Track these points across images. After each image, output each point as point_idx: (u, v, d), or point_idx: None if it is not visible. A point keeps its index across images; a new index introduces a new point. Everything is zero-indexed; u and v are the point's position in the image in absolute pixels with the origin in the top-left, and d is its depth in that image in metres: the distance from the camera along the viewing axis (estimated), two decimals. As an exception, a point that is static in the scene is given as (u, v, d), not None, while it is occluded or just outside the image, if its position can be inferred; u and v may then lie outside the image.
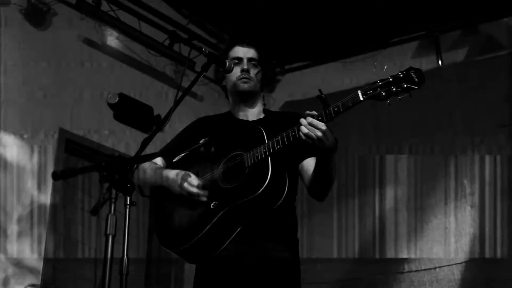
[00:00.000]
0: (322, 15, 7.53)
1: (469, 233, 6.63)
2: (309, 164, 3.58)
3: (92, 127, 6.57)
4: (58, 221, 6.11)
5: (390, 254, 6.92)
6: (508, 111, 6.77)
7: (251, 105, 3.84)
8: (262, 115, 3.86)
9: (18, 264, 5.58)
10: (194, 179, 3.53)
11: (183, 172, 3.57)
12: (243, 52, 3.82)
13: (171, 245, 3.57)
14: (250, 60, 3.80)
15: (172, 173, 3.62)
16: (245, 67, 3.76)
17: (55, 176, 2.45)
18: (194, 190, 3.50)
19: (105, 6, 6.81)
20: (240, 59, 3.79)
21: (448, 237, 6.71)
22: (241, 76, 3.74)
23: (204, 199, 3.49)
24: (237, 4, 7.47)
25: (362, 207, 7.25)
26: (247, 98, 3.81)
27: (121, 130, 6.84)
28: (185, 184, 3.51)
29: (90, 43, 6.80)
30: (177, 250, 3.53)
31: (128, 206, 2.72)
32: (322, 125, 3.16)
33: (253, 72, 3.78)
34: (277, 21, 7.66)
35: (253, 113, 3.84)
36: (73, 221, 6.45)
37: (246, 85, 3.73)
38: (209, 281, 3.49)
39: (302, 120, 3.20)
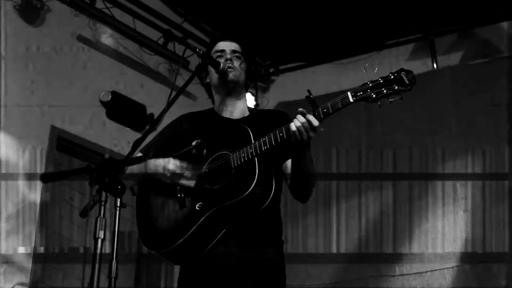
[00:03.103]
0: (317, 16, 7.49)
1: (461, 238, 6.62)
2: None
3: (84, 125, 6.52)
4: (48, 219, 6.06)
5: (381, 257, 6.90)
6: (503, 115, 6.76)
7: (236, 97, 3.76)
8: (246, 113, 3.79)
9: (7, 262, 5.54)
10: (181, 164, 3.50)
11: (171, 159, 3.53)
12: (225, 45, 3.77)
13: (155, 246, 3.50)
14: (233, 52, 3.75)
15: (159, 160, 3.57)
16: (228, 56, 3.71)
17: (43, 178, 2.41)
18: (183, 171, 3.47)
19: (99, 4, 6.76)
20: (223, 51, 3.74)
21: (440, 241, 6.69)
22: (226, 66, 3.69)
23: (191, 183, 3.46)
24: (232, 5, 7.43)
25: (353, 210, 7.23)
26: (232, 89, 3.72)
27: (113, 129, 6.79)
28: (173, 167, 3.49)
29: (84, 40, 6.76)
30: (161, 251, 3.46)
31: (118, 208, 2.68)
32: (316, 122, 3.14)
33: (236, 63, 3.72)
34: (272, 21, 7.63)
35: (238, 110, 3.76)
36: (63, 219, 6.40)
37: (231, 74, 3.67)
38: (194, 283, 3.43)
39: (300, 117, 3.16)
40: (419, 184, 6.95)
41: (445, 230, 6.72)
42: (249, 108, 3.86)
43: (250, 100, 7.95)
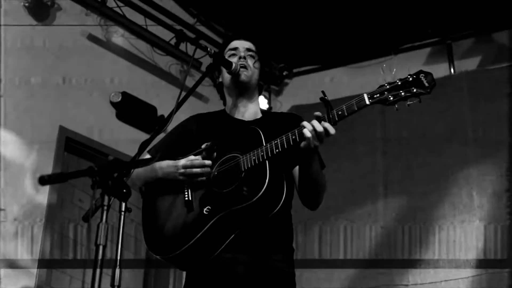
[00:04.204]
0: (331, 19, 7.43)
1: (477, 247, 6.48)
2: None
3: (93, 126, 6.43)
4: (55, 221, 5.97)
5: (394, 266, 6.77)
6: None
7: (248, 98, 3.67)
8: (259, 115, 3.70)
9: (12, 265, 5.44)
10: (192, 157, 3.38)
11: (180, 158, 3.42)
12: (240, 44, 3.71)
13: (161, 251, 3.38)
14: (247, 50, 3.68)
15: (165, 162, 3.46)
16: (242, 54, 3.63)
17: (42, 181, 2.27)
18: (196, 162, 3.35)
19: (111, 2, 6.71)
20: (236, 49, 3.67)
21: (455, 251, 6.56)
22: (239, 64, 3.58)
23: (208, 169, 3.33)
24: (246, 6, 7.36)
25: (367, 217, 7.11)
26: (244, 90, 3.64)
27: (123, 130, 6.70)
28: (184, 161, 3.37)
29: (94, 39, 6.69)
30: (167, 256, 3.34)
31: (123, 213, 2.55)
32: (332, 130, 3.04)
33: (250, 62, 3.64)
34: (286, 23, 7.56)
35: (250, 111, 3.68)
36: (70, 221, 6.32)
37: (243, 75, 3.57)
38: None
39: (315, 123, 3.05)
40: (434, 191, 6.81)
41: (460, 239, 6.58)
42: (261, 110, 3.76)
43: (263, 103, 7.86)
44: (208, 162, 3.37)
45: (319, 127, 3.03)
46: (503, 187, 6.53)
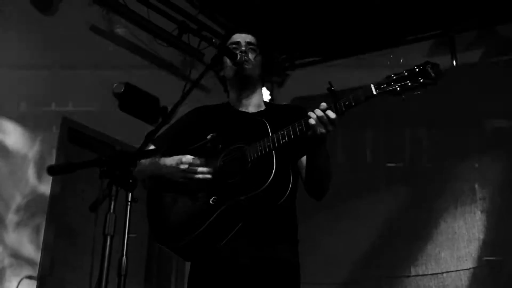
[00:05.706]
0: (334, 11, 7.41)
1: (479, 239, 6.51)
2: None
3: (96, 117, 6.43)
4: (58, 211, 5.97)
5: (396, 257, 6.79)
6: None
7: (251, 91, 3.68)
8: (263, 107, 3.73)
9: (15, 255, 5.45)
10: (196, 160, 3.41)
11: (184, 156, 3.44)
12: (241, 37, 3.71)
13: (167, 241, 3.42)
14: (248, 44, 3.68)
15: (170, 159, 3.48)
16: (243, 48, 3.64)
17: (51, 171, 2.29)
18: (198, 168, 3.37)
19: (113, -7, 6.68)
20: (238, 43, 3.68)
21: (457, 242, 6.59)
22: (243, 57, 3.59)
23: (208, 176, 3.35)
24: (248, -3, 7.36)
25: (369, 208, 7.13)
26: (247, 83, 3.65)
27: (126, 121, 6.70)
28: (186, 165, 3.39)
29: (97, 30, 6.67)
30: (173, 246, 3.38)
31: (129, 203, 2.57)
32: (331, 114, 3.06)
33: (251, 55, 3.65)
34: (288, 15, 7.54)
35: (253, 104, 3.69)
36: (73, 211, 6.32)
37: (245, 67, 3.58)
38: (205, 280, 3.34)
39: (317, 111, 3.08)
40: (437, 183, 6.83)
41: (462, 231, 6.61)
42: (265, 102, 3.77)
43: (265, 94, 7.85)
44: (206, 169, 3.39)
45: (321, 113, 3.06)
46: (505, 179, 6.56)
